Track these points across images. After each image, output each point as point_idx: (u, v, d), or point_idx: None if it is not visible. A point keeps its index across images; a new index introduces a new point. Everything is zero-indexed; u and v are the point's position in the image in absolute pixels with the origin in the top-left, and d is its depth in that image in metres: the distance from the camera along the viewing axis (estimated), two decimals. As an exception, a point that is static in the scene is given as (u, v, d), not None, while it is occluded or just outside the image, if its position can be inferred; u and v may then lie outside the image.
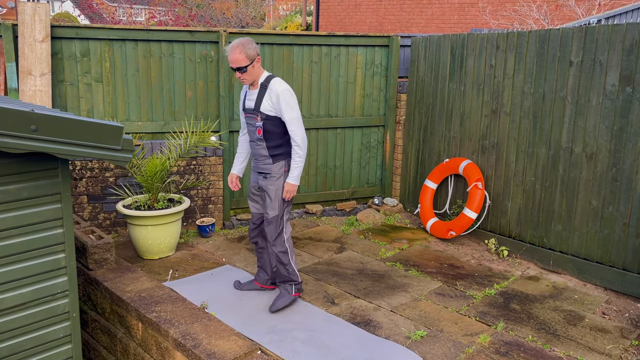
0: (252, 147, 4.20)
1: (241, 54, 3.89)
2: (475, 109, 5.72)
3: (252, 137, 4.15)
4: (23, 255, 2.91)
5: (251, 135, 4.16)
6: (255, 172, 4.30)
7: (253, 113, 4.07)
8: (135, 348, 3.93)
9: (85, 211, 5.48)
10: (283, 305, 4.21)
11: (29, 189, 2.86)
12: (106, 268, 4.44)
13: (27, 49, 5.09)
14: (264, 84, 4.02)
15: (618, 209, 4.60)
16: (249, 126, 4.16)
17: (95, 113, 5.59)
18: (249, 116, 4.12)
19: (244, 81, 4.01)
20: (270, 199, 4.15)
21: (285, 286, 4.30)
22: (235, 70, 3.95)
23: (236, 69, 3.94)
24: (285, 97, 3.97)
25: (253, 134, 4.13)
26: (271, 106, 4.00)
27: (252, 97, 4.09)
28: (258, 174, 4.24)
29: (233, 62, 3.92)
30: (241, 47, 3.89)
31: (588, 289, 4.76)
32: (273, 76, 4.06)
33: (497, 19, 12.73)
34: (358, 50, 6.56)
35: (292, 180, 4.11)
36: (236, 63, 3.91)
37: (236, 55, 3.89)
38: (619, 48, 4.46)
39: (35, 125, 2.55)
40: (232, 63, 3.93)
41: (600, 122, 4.65)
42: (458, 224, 5.63)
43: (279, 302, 4.23)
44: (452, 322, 4.10)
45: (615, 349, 3.81)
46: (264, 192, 4.19)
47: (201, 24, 17.78)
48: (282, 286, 4.32)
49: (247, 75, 3.97)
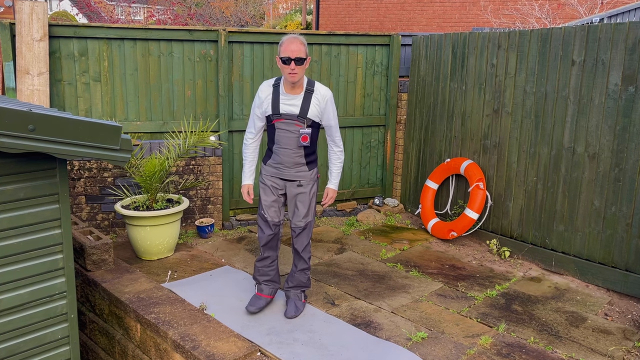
0: (282, 154, 3.92)
1: (302, 44, 3.68)
2: (477, 109, 5.69)
3: (286, 144, 3.88)
4: (20, 256, 2.89)
5: (283, 142, 3.89)
6: (276, 179, 4.03)
7: (297, 119, 3.83)
8: (133, 350, 3.90)
9: (83, 212, 5.45)
10: (301, 311, 4.14)
11: (27, 189, 2.84)
12: (104, 269, 4.41)
13: (25, 48, 5.06)
14: (309, 89, 3.83)
15: (621, 210, 4.57)
16: (282, 132, 3.87)
17: (94, 113, 5.56)
18: (287, 122, 3.85)
19: (294, 77, 3.71)
20: (304, 207, 4.00)
21: (297, 292, 4.19)
22: (293, 60, 3.64)
23: (294, 59, 3.64)
24: (332, 102, 3.92)
25: (289, 140, 3.87)
26: (319, 112, 3.86)
27: (293, 101, 3.84)
28: (286, 182, 4.02)
29: (294, 51, 3.64)
30: (300, 38, 3.69)
31: (590, 290, 4.73)
32: (313, 80, 3.92)
33: (499, 18, 12.72)
34: (358, 50, 6.53)
35: (334, 186, 4.10)
36: (297, 52, 3.64)
37: (298, 45, 3.65)
38: (621, 47, 4.44)
39: (33, 124, 2.54)
40: (292, 53, 3.64)
41: (602, 122, 4.62)
42: (459, 224, 5.60)
43: (296, 308, 4.12)
44: (453, 324, 4.07)
45: (618, 350, 3.79)
46: (295, 200, 4.01)
47: (200, 22, 17.76)
48: (293, 291, 4.20)
49: (301, 70, 3.71)
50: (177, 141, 5.26)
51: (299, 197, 4.01)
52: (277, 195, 4.06)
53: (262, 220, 4.11)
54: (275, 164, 3.99)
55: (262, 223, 4.11)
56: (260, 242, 4.14)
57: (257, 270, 4.24)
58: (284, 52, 3.67)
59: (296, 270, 4.17)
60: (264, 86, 3.93)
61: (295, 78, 3.73)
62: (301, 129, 3.85)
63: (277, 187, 4.04)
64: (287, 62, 3.68)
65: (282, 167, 3.98)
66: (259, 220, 4.13)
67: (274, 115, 3.87)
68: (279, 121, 3.87)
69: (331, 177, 4.11)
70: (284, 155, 3.93)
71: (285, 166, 3.96)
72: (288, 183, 4.02)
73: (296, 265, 4.18)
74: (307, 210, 4.02)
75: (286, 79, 3.79)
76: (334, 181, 4.10)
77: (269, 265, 4.20)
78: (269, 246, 4.14)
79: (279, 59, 3.72)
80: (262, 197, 4.08)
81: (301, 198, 4.01)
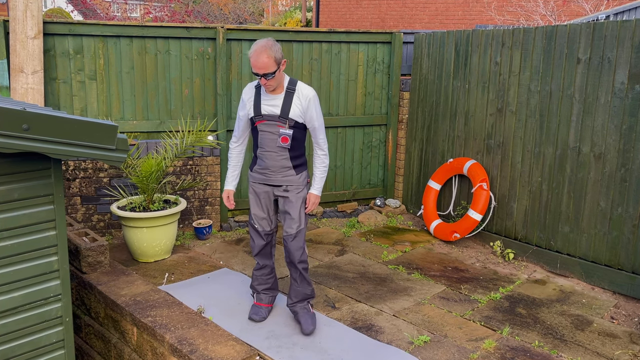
0: (266, 157, 3.79)
1: (269, 58, 3.48)
2: (480, 108, 5.63)
3: (269, 147, 3.76)
4: (14, 258, 2.86)
5: (267, 145, 3.77)
6: (264, 185, 3.90)
7: (278, 120, 3.71)
8: (130, 353, 3.88)
9: (78, 213, 5.41)
10: (316, 322, 3.99)
11: (21, 190, 2.81)
12: (100, 271, 4.38)
13: (19, 46, 5.00)
14: (290, 88, 3.71)
15: (627, 211, 4.52)
16: (265, 134, 3.77)
17: (89, 112, 5.51)
18: (268, 123, 3.74)
19: (269, 87, 3.62)
20: (295, 212, 3.84)
21: (303, 305, 4.03)
22: (261, 76, 3.54)
23: (262, 75, 3.53)
24: (316, 102, 3.77)
25: (272, 142, 3.75)
26: (301, 112, 3.73)
27: (274, 102, 3.72)
28: (273, 187, 3.87)
29: (260, 67, 3.49)
30: (268, 49, 3.49)
31: (596, 292, 4.68)
32: (295, 79, 3.80)
33: (503, 15, 12.70)
34: (359, 47, 6.47)
35: (317, 192, 3.94)
36: (264, 69, 3.49)
37: (264, 60, 3.47)
38: (628, 45, 4.40)
39: (27, 124, 2.51)
40: (259, 69, 3.50)
41: (608, 121, 4.58)
42: (462, 225, 5.56)
43: (312, 320, 3.95)
44: (456, 327, 4.04)
45: (624, 354, 3.75)
46: (285, 206, 3.87)
47: (198, 20, 17.72)
48: (300, 305, 4.02)
49: (274, 81, 3.60)
50: (175, 141, 5.21)
51: (288, 203, 3.85)
52: (267, 205, 3.94)
53: (253, 230, 4.00)
54: (261, 169, 3.86)
55: (253, 233, 4.00)
56: (253, 252, 4.04)
57: (255, 279, 4.13)
58: (252, 67, 3.55)
59: (298, 285, 3.97)
60: (247, 88, 3.85)
61: (270, 89, 3.66)
62: (281, 130, 3.71)
63: (267, 195, 3.91)
64: (257, 75, 3.57)
65: (268, 172, 3.84)
66: (250, 229, 4.02)
67: (256, 117, 3.77)
68: (261, 122, 3.76)
69: (314, 182, 3.95)
70: (268, 159, 3.80)
71: (271, 171, 3.82)
72: (275, 189, 3.88)
73: (296, 280, 3.97)
74: (298, 216, 3.86)
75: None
76: (317, 186, 3.94)
77: (268, 274, 4.10)
78: (263, 254, 4.04)
79: None
80: (252, 207, 3.96)
81: (290, 204, 3.86)
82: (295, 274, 3.96)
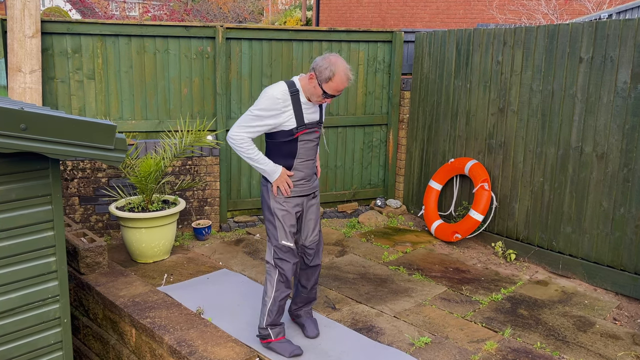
0: (305, 167, 3.54)
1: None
2: (482, 107, 5.61)
3: (308, 155, 3.53)
4: (12, 258, 2.86)
5: (306, 154, 3.52)
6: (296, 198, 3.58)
7: (317, 125, 3.53)
8: (128, 355, 3.87)
9: (76, 213, 5.39)
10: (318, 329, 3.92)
11: (18, 190, 2.81)
12: (98, 272, 4.37)
13: (17, 45, 4.97)
14: None
15: (630, 211, 4.50)
16: (305, 143, 3.49)
17: (87, 111, 5.48)
18: (309, 132, 3.48)
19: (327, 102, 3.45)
20: (317, 217, 3.73)
21: (308, 310, 3.97)
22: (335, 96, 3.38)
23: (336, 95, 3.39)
24: None
25: (312, 150, 3.54)
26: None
27: (313, 108, 3.48)
28: (304, 197, 3.63)
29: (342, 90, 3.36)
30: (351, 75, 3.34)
31: (598, 293, 4.66)
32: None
33: (504, 14, 12.67)
34: (360, 46, 6.44)
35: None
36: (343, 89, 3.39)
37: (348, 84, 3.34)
38: (630, 44, 4.38)
39: (25, 124, 2.51)
40: (340, 92, 3.36)
41: (611, 121, 4.55)
42: (464, 226, 5.53)
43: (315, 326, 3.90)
44: (457, 328, 4.03)
45: (627, 356, 3.74)
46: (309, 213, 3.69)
47: (197, 18, 17.68)
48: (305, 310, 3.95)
49: None
50: (173, 141, 5.19)
51: (313, 209, 3.69)
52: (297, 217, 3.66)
53: (286, 253, 3.56)
54: (296, 181, 3.54)
55: (288, 255, 3.56)
56: (288, 275, 3.58)
57: (279, 311, 3.64)
58: (333, 90, 3.30)
59: (308, 291, 3.84)
60: (280, 93, 3.36)
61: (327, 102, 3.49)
62: (317, 134, 3.56)
63: (296, 207, 3.60)
64: (329, 97, 3.36)
65: (303, 182, 3.57)
66: (282, 253, 3.55)
67: (299, 127, 3.42)
68: (303, 132, 3.46)
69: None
70: (307, 169, 3.56)
71: (306, 180, 3.58)
72: (306, 198, 3.65)
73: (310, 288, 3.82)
74: (319, 220, 3.78)
75: (311, 98, 3.43)
76: None
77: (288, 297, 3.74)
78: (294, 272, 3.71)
79: (321, 89, 3.32)
80: (284, 225, 3.53)
81: (317, 209, 3.72)
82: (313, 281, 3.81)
